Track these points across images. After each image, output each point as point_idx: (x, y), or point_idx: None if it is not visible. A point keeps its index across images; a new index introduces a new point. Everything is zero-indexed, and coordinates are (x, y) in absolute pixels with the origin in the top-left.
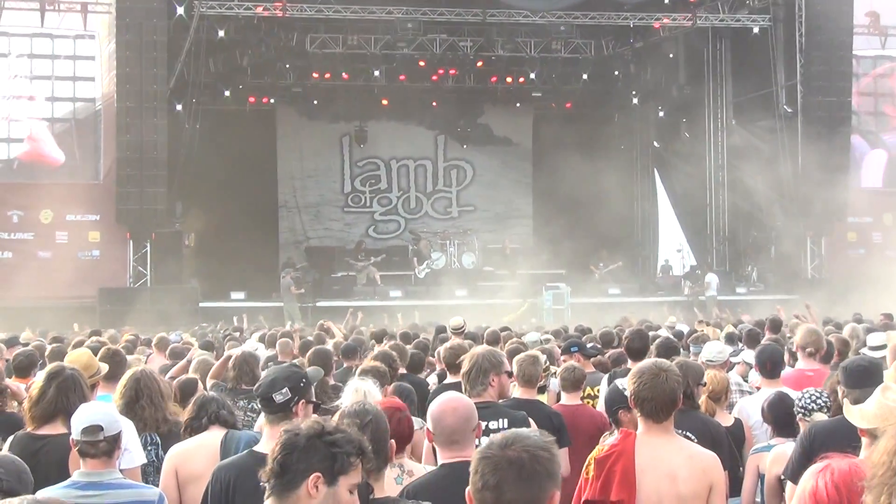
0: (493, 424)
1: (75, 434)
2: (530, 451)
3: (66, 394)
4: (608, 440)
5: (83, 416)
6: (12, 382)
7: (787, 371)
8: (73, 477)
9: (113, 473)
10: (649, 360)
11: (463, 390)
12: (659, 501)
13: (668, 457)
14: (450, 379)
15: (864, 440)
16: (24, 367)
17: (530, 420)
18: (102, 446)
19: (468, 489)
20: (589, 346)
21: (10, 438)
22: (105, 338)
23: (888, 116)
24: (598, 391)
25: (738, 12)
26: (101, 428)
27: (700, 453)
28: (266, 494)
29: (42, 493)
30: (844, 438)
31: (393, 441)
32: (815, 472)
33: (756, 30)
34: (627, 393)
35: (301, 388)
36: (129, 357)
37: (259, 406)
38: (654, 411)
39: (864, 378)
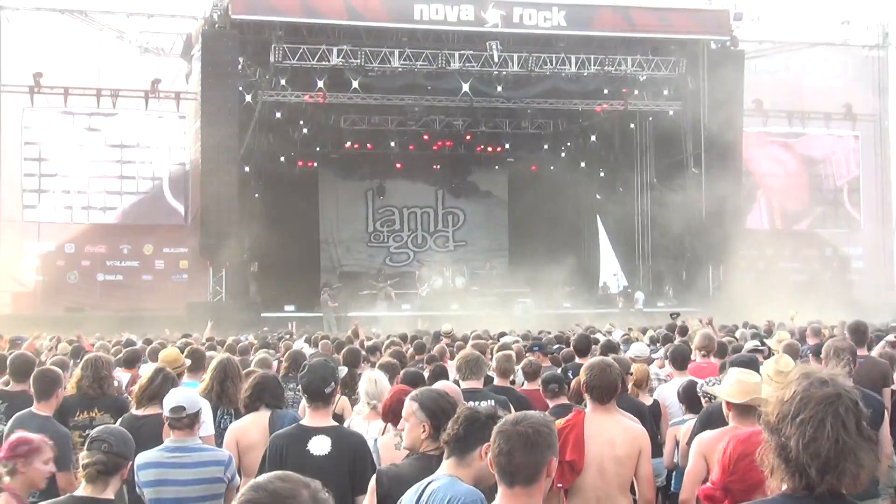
0: (483, 404)
1: (165, 412)
2: (534, 427)
3: (163, 385)
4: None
5: (170, 399)
6: (119, 373)
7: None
8: (164, 443)
9: (194, 440)
10: (598, 358)
11: (458, 377)
12: (601, 461)
13: (609, 429)
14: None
15: (730, 413)
16: (130, 360)
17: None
18: (185, 421)
19: (489, 455)
20: (555, 347)
21: (120, 420)
22: (199, 340)
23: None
24: None
25: (658, 100)
26: (183, 408)
27: (632, 426)
28: (447, 454)
29: (141, 455)
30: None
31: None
32: (725, 437)
33: (671, 112)
34: (581, 381)
35: (338, 379)
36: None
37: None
38: (601, 396)
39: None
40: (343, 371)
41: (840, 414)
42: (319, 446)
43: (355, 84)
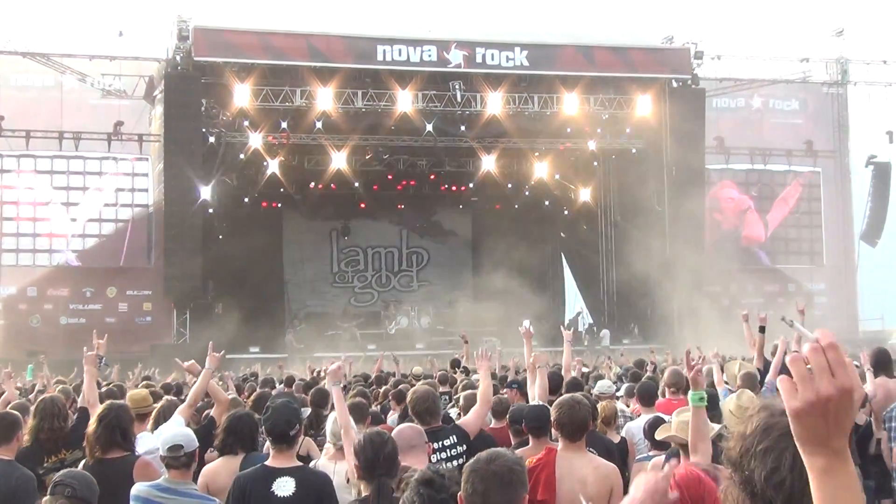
0: (446, 442)
1: (162, 451)
2: (508, 465)
3: (110, 430)
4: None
5: (168, 437)
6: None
7: (659, 400)
8: (158, 480)
9: (188, 484)
10: (568, 395)
11: (418, 419)
12: (573, 501)
13: (580, 467)
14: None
15: (679, 448)
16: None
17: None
18: (183, 460)
19: (460, 493)
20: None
21: (81, 465)
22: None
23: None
24: None
25: (620, 138)
26: (181, 447)
27: (603, 465)
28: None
29: (136, 486)
30: None
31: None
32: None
33: (634, 150)
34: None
35: (301, 420)
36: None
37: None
38: (571, 433)
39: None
40: (307, 412)
41: None
42: (284, 487)
43: (319, 125)
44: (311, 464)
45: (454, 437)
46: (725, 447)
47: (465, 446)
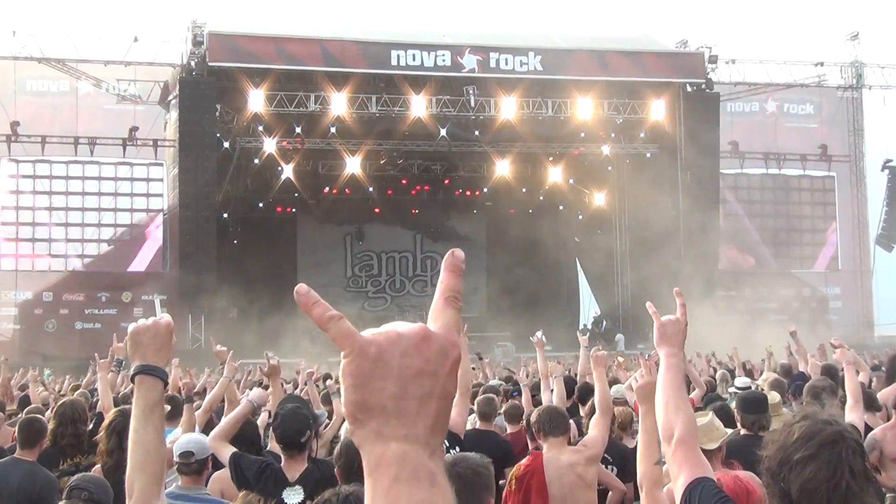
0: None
1: (175, 457)
2: (472, 468)
3: (122, 440)
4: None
5: (180, 444)
6: None
7: None
8: (170, 488)
9: (200, 489)
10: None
11: None
12: (562, 498)
13: (565, 461)
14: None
15: None
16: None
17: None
18: (194, 466)
19: None
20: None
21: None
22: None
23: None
24: None
25: (635, 143)
26: (192, 453)
27: (577, 451)
28: None
29: None
30: (746, 453)
31: None
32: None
33: (648, 154)
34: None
35: (312, 426)
36: None
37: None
38: (550, 429)
39: (758, 406)
40: (323, 415)
41: (843, 457)
42: (293, 496)
43: (333, 130)
44: None
45: (444, 442)
46: (765, 455)
47: (457, 448)
